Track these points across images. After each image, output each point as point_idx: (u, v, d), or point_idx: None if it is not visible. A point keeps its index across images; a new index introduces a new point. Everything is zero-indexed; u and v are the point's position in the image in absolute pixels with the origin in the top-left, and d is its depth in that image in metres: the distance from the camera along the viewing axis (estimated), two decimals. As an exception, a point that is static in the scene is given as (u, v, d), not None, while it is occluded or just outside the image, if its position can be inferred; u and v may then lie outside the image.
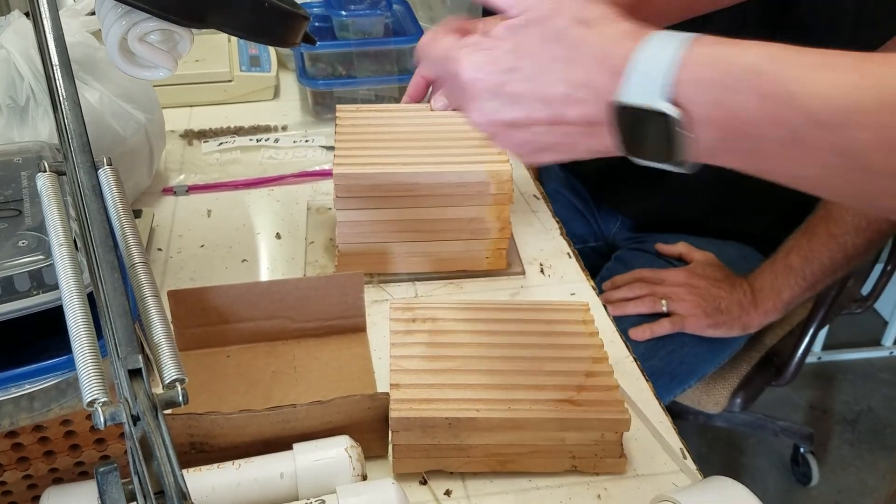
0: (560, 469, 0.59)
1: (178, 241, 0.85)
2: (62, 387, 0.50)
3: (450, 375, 0.59)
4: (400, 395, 0.57)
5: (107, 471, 0.35)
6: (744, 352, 1.18)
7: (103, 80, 0.80)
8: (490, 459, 0.58)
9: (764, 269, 1.00)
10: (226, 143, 1.01)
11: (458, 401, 0.57)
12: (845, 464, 1.70)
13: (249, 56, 1.14)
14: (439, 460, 0.58)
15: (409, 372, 0.59)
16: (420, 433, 0.57)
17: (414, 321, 0.64)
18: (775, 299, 0.99)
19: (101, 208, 0.40)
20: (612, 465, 0.59)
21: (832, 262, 0.96)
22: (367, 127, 0.79)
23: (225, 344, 0.70)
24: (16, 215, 0.52)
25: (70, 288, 0.38)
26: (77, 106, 0.43)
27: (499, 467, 0.59)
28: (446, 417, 0.56)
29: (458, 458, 0.58)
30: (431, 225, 0.77)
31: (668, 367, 1.01)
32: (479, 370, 0.59)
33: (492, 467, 0.59)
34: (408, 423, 0.56)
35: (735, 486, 0.50)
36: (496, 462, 0.58)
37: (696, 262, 1.04)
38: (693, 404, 1.21)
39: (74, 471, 0.55)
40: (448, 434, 0.57)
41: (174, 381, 0.37)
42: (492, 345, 0.61)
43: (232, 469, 0.54)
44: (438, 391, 0.58)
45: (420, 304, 0.65)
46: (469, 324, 0.63)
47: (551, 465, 0.59)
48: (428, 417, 0.56)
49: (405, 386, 0.58)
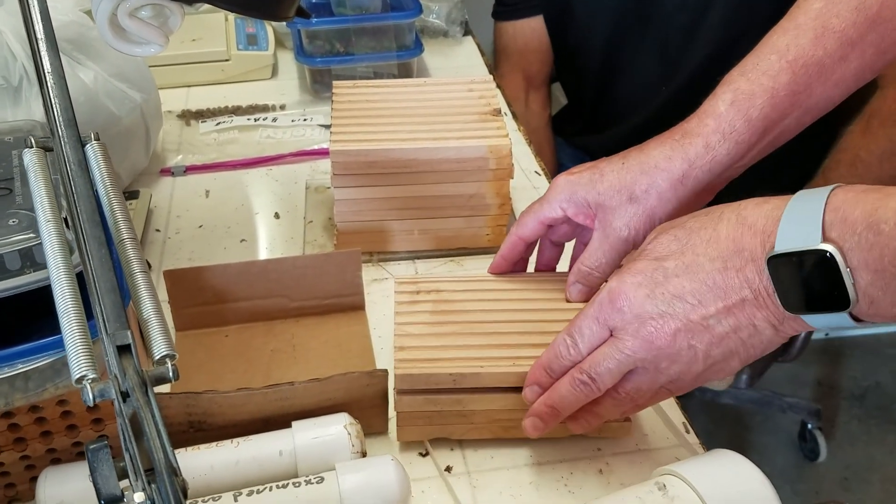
0: (563, 434, 0.58)
1: (177, 221, 0.84)
2: (57, 366, 0.50)
3: (454, 338, 0.58)
4: (404, 355, 0.57)
5: (97, 448, 0.34)
6: (750, 328, 1.17)
7: (97, 60, 0.79)
8: (493, 425, 0.58)
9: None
10: (223, 122, 1.00)
11: (463, 359, 0.56)
12: (853, 439, 1.69)
13: (246, 35, 1.13)
14: (442, 427, 0.58)
15: (413, 336, 0.58)
16: (423, 400, 0.57)
17: (418, 293, 0.63)
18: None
19: (87, 183, 0.39)
20: (617, 428, 0.58)
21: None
22: (364, 103, 0.78)
23: (223, 323, 0.69)
24: (6, 194, 0.51)
25: (57, 263, 0.37)
26: (62, 79, 0.42)
27: (502, 433, 0.58)
28: (451, 374, 0.55)
29: (461, 425, 0.58)
30: (431, 202, 0.76)
31: None
32: (483, 332, 0.59)
33: (495, 433, 0.58)
34: (412, 380, 0.56)
35: (737, 458, 0.49)
36: (499, 428, 0.58)
37: None
38: (700, 380, 1.20)
39: (72, 451, 0.55)
40: (451, 400, 0.57)
41: (164, 356, 0.36)
42: (496, 310, 0.60)
43: (231, 447, 0.54)
44: (443, 351, 0.57)
45: (424, 278, 0.65)
46: (474, 293, 0.63)
47: (554, 430, 0.57)
48: (432, 374, 0.55)
49: (409, 347, 0.57)
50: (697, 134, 0.56)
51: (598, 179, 0.58)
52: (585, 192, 0.58)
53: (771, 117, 0.55)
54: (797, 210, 0.43)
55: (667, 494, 0.47)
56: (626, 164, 0.57)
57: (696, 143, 0.55)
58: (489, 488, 0.57)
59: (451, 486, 0.57)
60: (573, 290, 0.60)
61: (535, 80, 1.26)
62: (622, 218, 0.57)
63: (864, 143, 1.00)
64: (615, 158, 0.58)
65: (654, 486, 0.48)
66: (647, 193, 0.56)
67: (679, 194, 0.56)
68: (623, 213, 0.57)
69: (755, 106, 0.55)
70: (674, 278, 0.47)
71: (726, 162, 0.56)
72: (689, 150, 0.55)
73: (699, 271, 0.46)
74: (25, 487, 0.55)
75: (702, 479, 0.47)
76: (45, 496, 0.51)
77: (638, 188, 0.56)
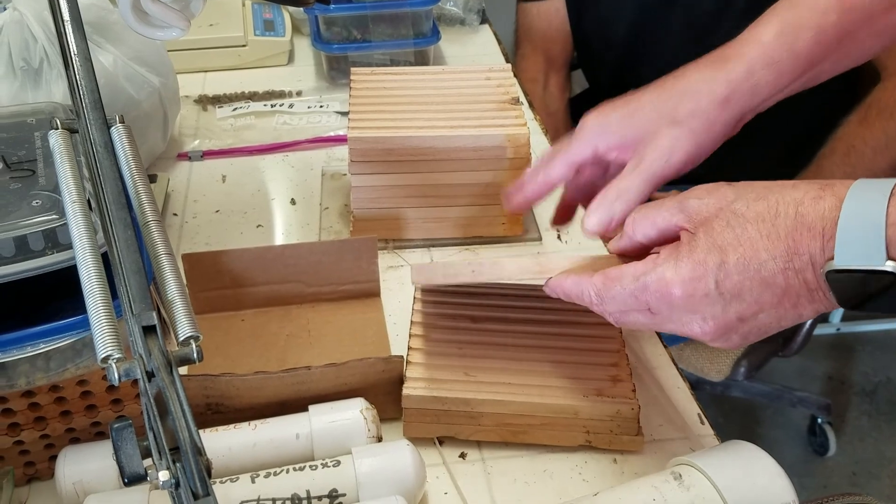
0: (573, 443, 0.58)
1: (194, 206, 0.84)
2: (78, 347, 0.50)
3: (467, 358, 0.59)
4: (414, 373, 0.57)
5: (121, 427, 0.34)
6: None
7: (117, 43, 0.80)
8: (502, 429, 0.58)
9: None
10: (240, 108, 1.00)
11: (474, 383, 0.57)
12: (863, 435, 1.69)
13: (264, 20, 1.13)
14: (450, 426, 0.58)
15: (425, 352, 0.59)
16: (431, 399, 0.57)
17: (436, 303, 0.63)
18: None
19: (113, 165, 0.39)
20: (629, 442, 0.58)
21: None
22: (382, 90, 0.78)
23: (239, 308, 0.69)
24: (29, 175, 0.52)
25: (83, 244, 0.38)
26: (88, 61, 0.42)
27: (510, 437, 0.58)
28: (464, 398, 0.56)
29: (470, 426, 0.58)
30: (447, 190, 0.76)
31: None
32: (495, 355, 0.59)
33: (503, 437, 0.58)
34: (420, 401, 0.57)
35: (754, 449, 0.49)
36: (508, 432, 0.58)
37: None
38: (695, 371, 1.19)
39: (91, 431, 0.55)
40: (460, 400, 0.57)
41: (189, 338, 0.37)
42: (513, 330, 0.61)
43: (248, 430, 0.54)
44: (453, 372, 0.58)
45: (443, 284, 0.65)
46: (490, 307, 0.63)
47: (565, 438, 0.58)
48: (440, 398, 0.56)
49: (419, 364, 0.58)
50: (739, 59, 0.54)
51: (635, 109, 0.56)
52: (619, 124, 0.56)
53: (815, 53, 0.54)
54: (856, 218, 0.41)
55: (683, 484, 0.47)
56: (663, 90, 0.55)
57: (737, 69, 0.54)
58: (503, 475, 0.57)
59: (466, 473, 0.57)
60: (591, 220, 0.56)
61: (556, 62, 1.26)
62: (663, 143, 0.54)
63: (860, 133, 1.00)
64: (649, 88, 0.56)
65: (671, 476, 0.48)
66: (691, 115, 0.54)
67: (723, 117, 0.54)
68: (664, 138, 0.54)
69: (801, 39, 0.53)
70: (735, 276, 0.44)
71: (766, 92, 0.54)
72: (730, 75, 0.54)
73: (761, 270, 0.44)
74: (45, 466, 0.56)
75: (718, 470, 0.47)
76: (64, 475, 0.52)
77: (681, 111, 0.54)
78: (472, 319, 0.62)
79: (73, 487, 0.51)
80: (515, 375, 0.57)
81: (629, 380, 0.57)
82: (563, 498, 0.55)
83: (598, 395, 0.56)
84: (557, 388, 0.57)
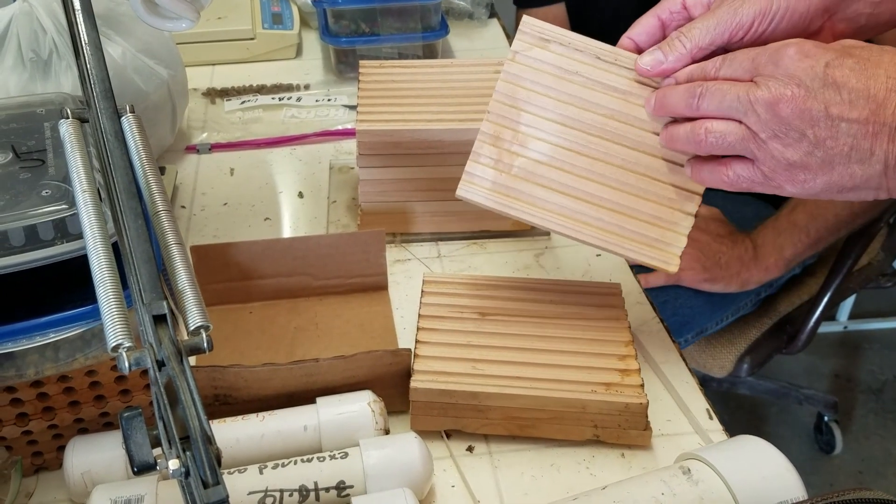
0: (581, 438, 0.58)
1: (202, 198, 0.84)
2: (87, 337, 0.51)
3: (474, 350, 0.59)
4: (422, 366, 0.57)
5: (131, 415, 0.34)
6: (755, 317, 1.16)
7: (126, 35, 0.80)
8: (509, 423, 0.58)
9: (767, 226, 0.98)
10: (248, 101, 1.00)
11: (482, 376, 0.57)
12: (869, 433, 1.68)
13: (272, 13, 1.13)
14: (457, 420, 0.58)
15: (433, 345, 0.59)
16: (439, 392, 0.57)
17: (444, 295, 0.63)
18: (777, 256, 0.97)
19: (124, 154, 0.39)
20: (637, 436, 0.57)
21: (837, 219, 0.95)
22: (390, 83, 0.78)
23: (247, 300, 0.69)
24: (39, 165, 0.52)
25: (94, 233, 0.38)
26: (99, 51, 0.42)
27: (517, 431, 0.58)
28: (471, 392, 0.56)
29: (477, 420, 0.58)
30: (455, 184, 0.75)
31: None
32: (503, 347, 0.59)
33: (510, 431, 0.58)
34: (428, 394, 0.56)
35: (762, 444, 0.49)
36: (515, 426, 0.58)
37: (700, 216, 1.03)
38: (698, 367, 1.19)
39: (99, 421, 0.56)
40: (467, 394, 0.57)
41: (199, 327, 0.37)
42: (520, 324, 0.61)
43: (256, 421, 0.54)
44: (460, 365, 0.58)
45: (451, 278, 0.65)
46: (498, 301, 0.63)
47: (573, 432, 0.58)
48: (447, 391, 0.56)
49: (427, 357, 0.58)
50: None
51: None
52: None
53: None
54: None
55: (691, 478, 0.47)
56: None
57: None
58: (510, 469, 0.57)
59: (473, 466, 0.57)
60: (648, 58, 0.56)
61: None
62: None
63: None
64: None
65: (679, 470, 0.48)
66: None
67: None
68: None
69: None
70: (847, 69, 0.46)
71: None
72: None
73: (875, 77, 0.45)
74: (53, 456, 0.56)
75: (727, 464, 0.47)
76: (73, 465, 0.52)
77: None
78: (480, 313, 0.62)
79: (82, 477, 0.52)
80: (523, 369, 0.57)
81: (637, 374, 0.57)
82: (570, 492, 0.55)
83: (606, 389, 0.56)
84: (565, 381, 0.57)
